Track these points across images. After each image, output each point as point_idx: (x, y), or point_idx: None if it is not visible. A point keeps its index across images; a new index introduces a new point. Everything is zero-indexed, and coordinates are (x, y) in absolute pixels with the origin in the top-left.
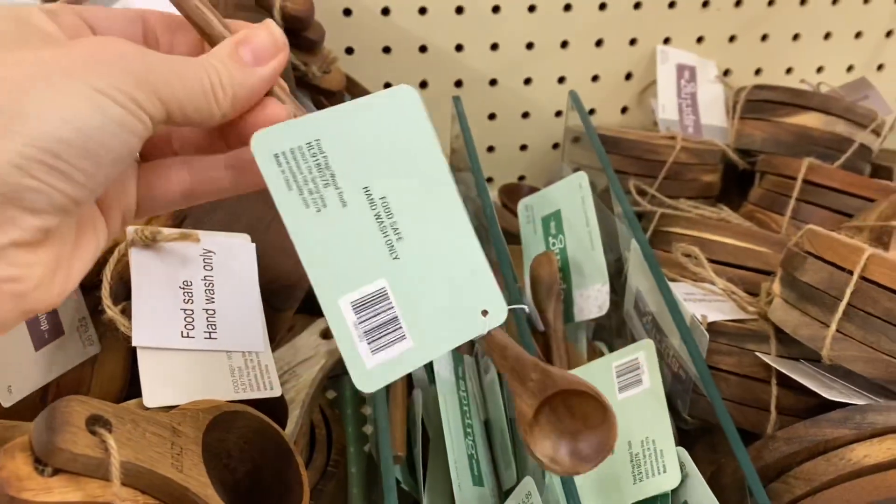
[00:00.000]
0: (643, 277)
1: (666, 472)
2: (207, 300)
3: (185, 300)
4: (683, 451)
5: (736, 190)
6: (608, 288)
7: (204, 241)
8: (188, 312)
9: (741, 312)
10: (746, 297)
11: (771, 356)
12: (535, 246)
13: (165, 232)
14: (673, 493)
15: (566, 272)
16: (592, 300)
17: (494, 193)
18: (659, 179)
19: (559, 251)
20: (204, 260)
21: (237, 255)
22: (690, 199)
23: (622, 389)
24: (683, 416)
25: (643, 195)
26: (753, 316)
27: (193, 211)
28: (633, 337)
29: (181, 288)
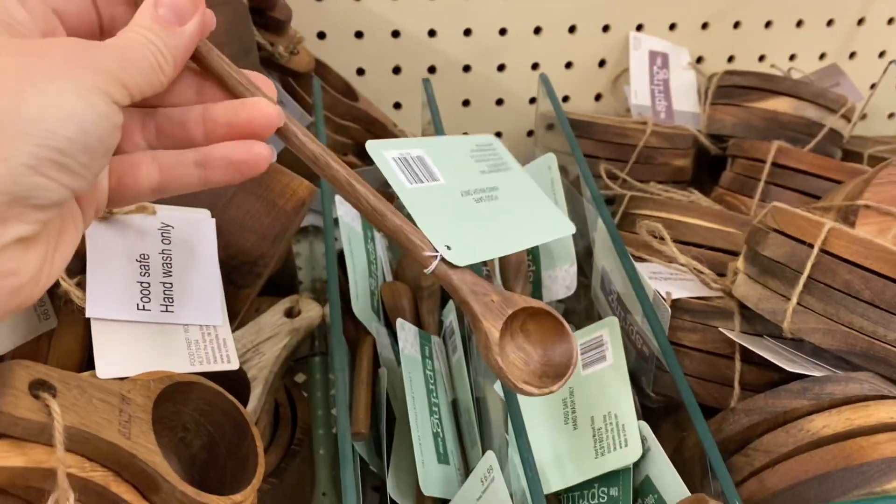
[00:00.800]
0: (609, 257)
1: (627, 445)
2: (165, 273)
3: (141, 273)
4: (645, 425)
5: (708, 175)
6: (575, 268)
7: (162, 215)
8: (144, 285)
9: (707, 290)
10: (711, 274)
11: (735, 332)
12: None
13: None
14: (635, 467)
15: (535, 254)
16: (560, 281)
17: None
18: (630, 163)
19: None
20: (162, 234)
21: (196, 229)
22: (662, 183)
23: (586, 366)
24: (648, 392)
25: (614, 179)
26: (719, 293)
27: None
28: (600, 318)
29: (138, 261)
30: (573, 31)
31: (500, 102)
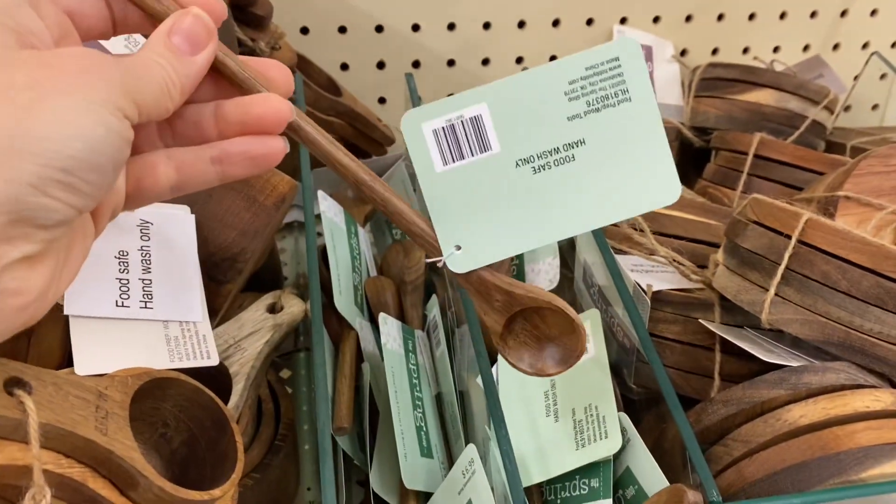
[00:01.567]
0: (590, 250)
1: (608, 437)
2: (144, 270)
3: (120, 269)
4: (625, 416)
5: (692, 168)
6: (558, 261)
7: (141, 211)
8: (123, 282)
9: (687, 282)
10: (691, 266)
11: (715, 324)
12: None
13: None
14: (616, 458)
15: None
16: (543, 274)
17: None
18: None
19: None
20: (141, 230)
21: (175, 225)
22: None
23: None
24: (630, 384)
25: None
26: (699, 285)
27: None
28: (583, 310)
29: (116, 258)
30: (557, 24)
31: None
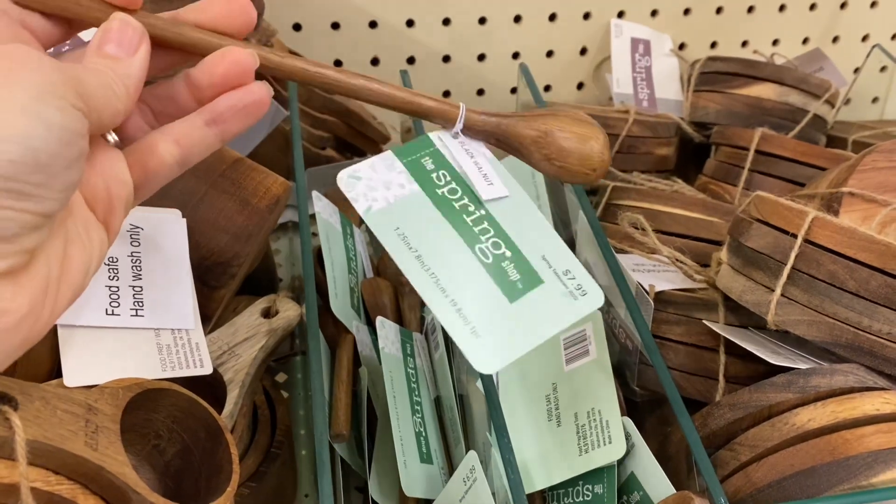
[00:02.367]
0: (591, 249)
1: (611, 442)
2: (134, 277)
3: (109, 277)
4: (629, 421)
5: (693, 164)
6: None
7: (131, 216)
8: (113, 289)
9: (690, 282)
10: (694, 265)
11: (719, 324)
12: None
13: None
14: (620, 463)
15: None
16: None
17: None
18: (612, 153)
19: None
20: (131, 235)
21: (166, 230)
22: (645, 172)
23: (569, 361)
24: (632, 387)
25: None
26: (702, 285)
27: None
28: None
29: (106, 264)
30: (553, 18)
31: (480, 93)
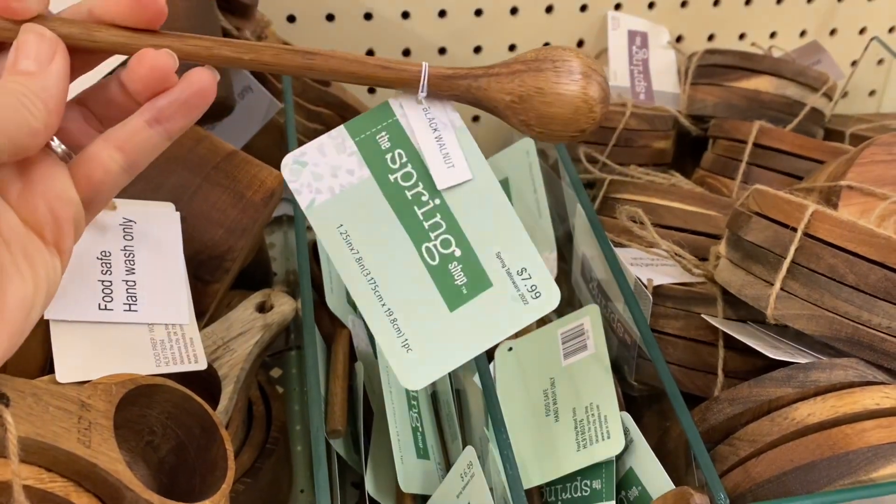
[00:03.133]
0: (589, 243)
1: (610, 437)
2: (128, 271)
3: (102, 271)
4: (628, 416)
5: (690, 157)
6: (556, 255)
7: (124, 209)
8: (106, 284)
9: (689, 276)
10: (693, 259)
11: (718, 318)
12: None
13: None
14: (618, 459)
15: None
16: None
17: None
18: (609, 146)
19: None
20: (124, 229)
21: (160, 224)
22: (642, 165)
23: (567, 356)
24: (631, 381)
25: (594, 163)
26: (701, 279)
27: None
28: (581, 306)
29: (98, 259)
30: (550, 11)
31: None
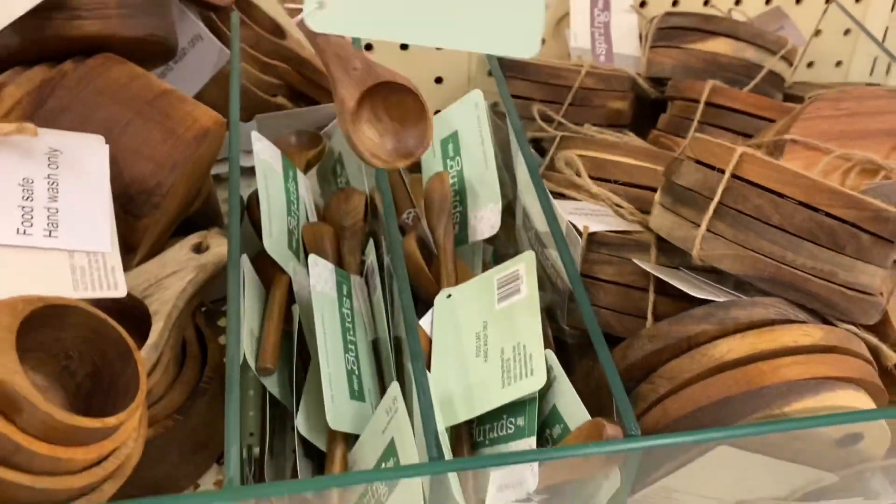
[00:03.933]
0: (531, 194)
1: (533, 374)
2: (50, 198)
3: (24, 197)
4: (551, 353)
5: (651, 121)
6: (500, 207)
7: (50, 139)
8: (27, 209)
9: (627, 225)
10: (630, 207)
11: (649, 264)
12: (434, 170)
13: (2, 125)
14: (543, 398)
15: (462, 194)
16: (486, 221)
17: None
18: (565, 105)
19: (456, 173)
20: (49, 158)
21: (87, 155)
22: (598, 125)
23: (501, 299)
24: (563, 326)
25: (549, 122)
26: (638, 227)
27: (40, 114)
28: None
29: (20, 185)
30: None
31: (440, 47)
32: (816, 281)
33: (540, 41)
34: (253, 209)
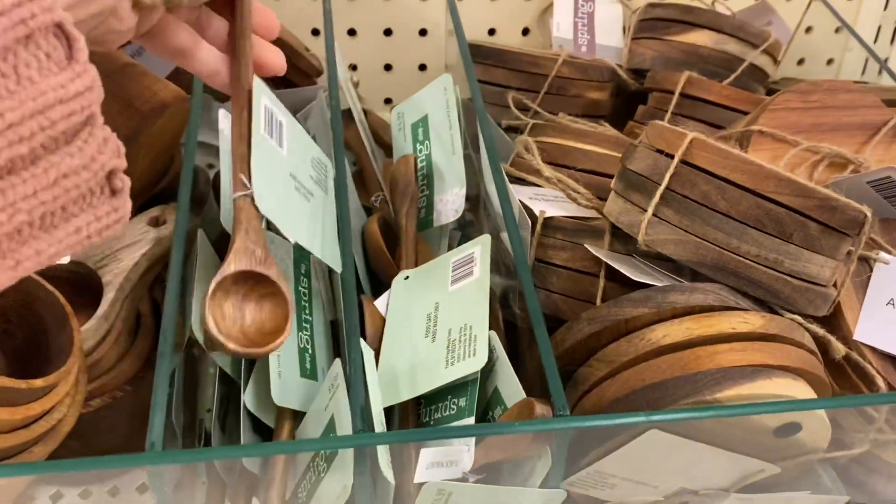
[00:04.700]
0: (489, 178)
1: (475, 355)
2: None
3: None
4: (495, 335)
5: (629, 112)
6: (464, 192)
7: None
8: None
9: (585, 212)
10: (586, 193)
11: (601, 250)
12: (404, 153)
13: None
14: (486, 379)
15: (430, 178)
16: (450, 205)
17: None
18: (541, 94)
19: (424, 157)
20: None
21: None
22: (574, 115)
23: (454, 282)
24: (514, 310)
25: (525, 111)
26: (595, 214)
27: None
28: None
29: None
30: None
31: (423, 33)
32: (760, 268)
33: None
34: (218, 187)
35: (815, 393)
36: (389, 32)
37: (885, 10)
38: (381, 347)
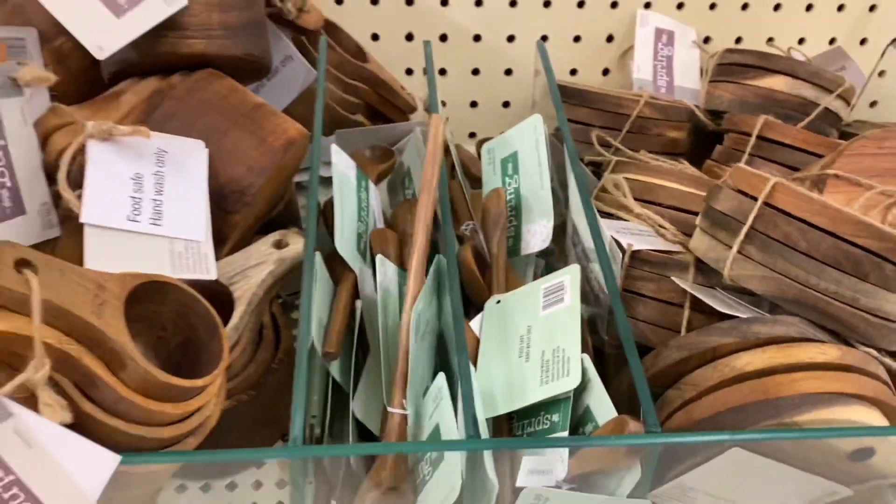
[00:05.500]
0: (578, 212)
1: (569, 375)
2: (156, 192)
3: (134, 189)
4: (587, 358)
5: (705, 151)
6: (552, 224)
7: (158, 141)
8: (136, 200)
9: (670, 246)
10: (672, 229)
11: (688, 283)
12: (493, 187)
13: (120, 127)
14: (578, 398)
15: (518, 210)
16: (538, 235)
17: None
18: (623, 132)
19: (514, 191)
20: (157, 157)
21: (189, 156)
22: (654, 153)
23: (546, 307)
24: (603, 337)
25: (607, 147)
26: (679, 248)
27: (151, 119)
28: None
29: (132, 179)
30: (582, 5)
31: (508, 73)
32: (838, 305)
33: None
34: (328, 214)
35: (888, 421)
36: (477, 72)
37: None
38: (476, 365)
